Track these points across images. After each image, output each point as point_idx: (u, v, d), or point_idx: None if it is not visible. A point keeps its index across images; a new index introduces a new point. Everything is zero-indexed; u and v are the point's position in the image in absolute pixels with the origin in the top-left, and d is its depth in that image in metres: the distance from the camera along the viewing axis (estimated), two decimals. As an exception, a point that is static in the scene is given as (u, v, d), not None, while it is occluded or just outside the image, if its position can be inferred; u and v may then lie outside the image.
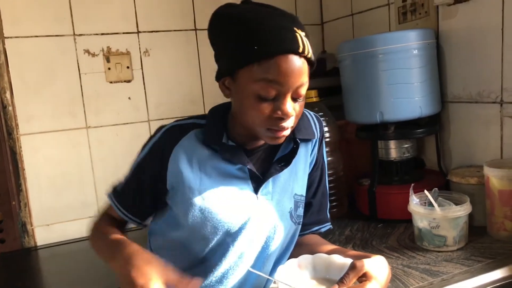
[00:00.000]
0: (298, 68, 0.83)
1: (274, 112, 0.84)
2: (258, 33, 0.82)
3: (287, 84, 0.83)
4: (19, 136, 1.64)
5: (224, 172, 0.94)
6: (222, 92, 0.92)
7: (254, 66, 0.82)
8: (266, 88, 0.83)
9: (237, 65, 0.85)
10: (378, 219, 1.39)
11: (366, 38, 1.37)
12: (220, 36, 0.89)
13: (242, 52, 0.83)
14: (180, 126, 0.95)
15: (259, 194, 0.95)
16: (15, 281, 1.43)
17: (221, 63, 0.90)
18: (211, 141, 0.93)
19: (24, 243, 1.67)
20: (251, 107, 0.85)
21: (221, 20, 0.88)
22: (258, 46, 0.81)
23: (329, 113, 1.45)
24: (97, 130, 1.74)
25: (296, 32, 0.83)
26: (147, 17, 1.78)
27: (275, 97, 0.84)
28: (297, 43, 0.82)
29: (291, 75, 0.82)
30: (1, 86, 1.60)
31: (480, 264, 1.06)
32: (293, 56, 0.82)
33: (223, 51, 0.89)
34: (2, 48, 1.60)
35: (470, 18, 1.34)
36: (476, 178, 1.25)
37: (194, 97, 1.88)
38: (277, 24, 0.83)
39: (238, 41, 0.84)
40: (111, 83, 1.75)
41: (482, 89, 1.33)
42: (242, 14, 0.85)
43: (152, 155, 0.93)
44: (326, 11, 2.07)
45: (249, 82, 0.84)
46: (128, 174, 0.97)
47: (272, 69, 0.81)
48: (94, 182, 1.75)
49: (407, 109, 1.34)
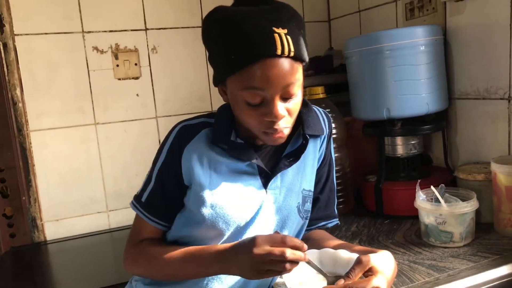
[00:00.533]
0: (279, 69, 0.81)
1: (264, 116, 0.85)
2: (234, 42, 0.81)
3: (270, 89, 0.82)
4: (29, 132, 1.66)
5: (234, 168, 0.95)
6: (221, 97, 0.94)
7: (236, 75, 0.83)
8: (250, 95, 0.83)
9: (224, 75, 0.86)
10: (385, 215, 1.39)
11: (373, 34, 1.37)
12: (208, 43, 0.90)
13: (224, 62, 0.84)
14: (191, 126, 0.96)
15: (268, 189, 0.96)
16: (25, 275, 1.46)
17: (214, 70, 0.91)
18: (220, 140, 0.93)
19: (34, 237, 1.69)
20: (243, 113, 0.87)
21: (208, 26, 0.89)
22: (235, 56, 0.81)
23: (336, 110, 1.45)
24: (106, 127, 1.76)
25: (275, 32, 0.81)
26: (155, 14, 1.79)
27: (263, 101, 0.84)
28: (274, 45, 0.80)
29: (272, 79, 0.81)
30: (12, 82, 1.62)
31: (487, 260, 1.06)
32: (271, 59, 0.81)
33: (212, 59, 0.90)
34: (13, 45, 1.62)
35: (477, 14, 1.33)
36: (483, 174, 1.25)
37: (201, 94, 1.89)
38: (252, 29, 0.81)
39: (220, 51, 0.85)
40: (119, 80, 1.77)
41: (490, 85, 1.33)
42: (223, 21, 0.84)
43: (169, 158, 0.94)
44: (333, 8, 2.07)
45: (236, 90, 0.85)
46: (150, 182, 0.97)
47: (251, 77, 0.81)
48: (102, 178, 1.76)
49: (414, 105, 1.34)
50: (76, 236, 1.72)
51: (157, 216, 0.97)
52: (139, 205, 0.97)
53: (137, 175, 1.79)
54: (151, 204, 0.96)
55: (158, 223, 0.97)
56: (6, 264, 1.56)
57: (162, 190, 0.95)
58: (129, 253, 0.98)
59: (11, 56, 1.61)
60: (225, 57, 0.83)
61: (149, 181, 0.97)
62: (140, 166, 1.79)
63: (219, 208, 0.92)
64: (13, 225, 1.67)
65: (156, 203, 0.96)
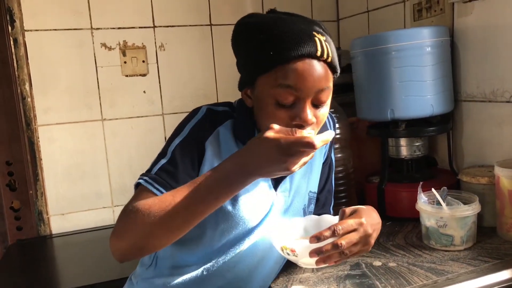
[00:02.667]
0: (316, 72, 0.81)
1: (293, 119, 0.83)
2: (274, 39, 0.81)
3: (304, 89, 0.81)
4: (37, 127, 1.68)
5: None
6: (245, 101, 0.92)
7: (271, 73, 0.82)
8: (283, 94, 0.81)
9: (256, 73, 0.84)
10: (387, 217, 1.39)
11: (378, 34, 1.36)
12: (240, 45, 0.89)
13: (259, 60, 0.83)
14: (217, 112, 0.93)
15: (278, 190, 0.96)
16: (30, 268, 1.48)
17: (242, 73, 0.90)
18: (244, 136, 0.91)
19: (40, 231, 1.72)
20: (270, 114, 0.84)
21: (241, 30, 0.88)
22: (274, 52, 0.80)
23: (340, 110, 1.45)
24: (112, 123, 1.78)
25: (315, 36, 0.81)
26: (163, 12, 1.80)
27: (294, 103, 0.83)
28: (315, 46, 0.80)
29: (308, 79, 0.81)
30: (21, 78, 1.65)
31: (487, 265, 1.05)
32: (310, 60, 0.80)
33: (243, 60, 0.89)
34: (22, 41, 1.64)
35: (485, 15, 1.32)
36: (487, 178, 1.23)
37: (208, 91, 1.90)
38: (294, 29, 0.81)
39: (255, 50, 0.83)
40: (126, 76, 1.78)
41: (496, 88, 1.31)
42: (260, 23, 0.85)
43: (192, 136, 0.89)
44: (342, 8, 2.06)
45: (267, 89, 0.83)
46: (164, 157, 0.88)
47: (288, 74, 0.80)
48: (108, 173, 1.78)
49: (418, 107, 1.33)
50: (81, 231, 1.74)
51: (166, 187, 0.84)
52: (147, 177, 0.86)
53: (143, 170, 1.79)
54: (162, 175, 0.86)
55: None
56: (12, 257, 1.59)
57: (177, 164, 0.87)
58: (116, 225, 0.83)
59: (21, 52, 1.64)
60: (259, 55, 0.83)
61: (162, 156, 0.89)
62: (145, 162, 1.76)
63: (232, 206, 0.91)
64: (20, 218, 1.70)
65: (167, 174, 0.86)
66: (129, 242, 0.80)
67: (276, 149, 0.71)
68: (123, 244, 0.81)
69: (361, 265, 1.09)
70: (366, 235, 0.82)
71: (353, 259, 1.12)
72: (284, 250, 0.85)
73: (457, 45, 1.42)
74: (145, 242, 0.80)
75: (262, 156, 0.73)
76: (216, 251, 0.94)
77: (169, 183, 0.84)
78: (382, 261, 1.11)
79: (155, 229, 0.77)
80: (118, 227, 0.82)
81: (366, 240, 0.82)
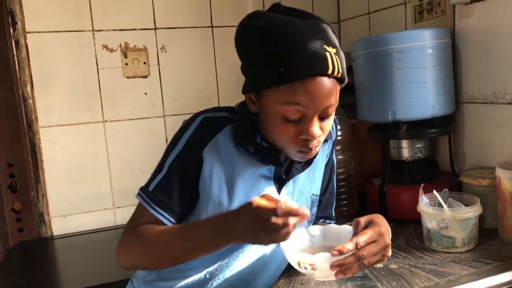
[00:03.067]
0: (326, 90, 0.80)
1: (300, 134, 0.83)
2: (284, 55, 0.78)
3: (314, 107, 0.80)
4: (38, 129, 1.68)
5: (254, 172, 0.93)
6: (248, 105, 0.91)
7: (280, 88, 0.80)
8: (291, 111, 0.81)
9: (263, 86, 0.83)
10: (388, 219, 1.37)
11: (380, 36, 1.36)
12: (247, 51, 0.86)
13: (268, 73, 0.80)
14: (214, 119, 0.92)
15: (281, 194, 0.96)
16: (31, 269, 1.48)
17: (247, 79, 0.88)
18: (246, 141, 0.91)
19: (41, 232, 1.72)
20: (277, 128, 0.84)
21: (247, 33, 0.85)
22: (285, 69, 0.78)
23: (341, 112, 1.45)
24: (114, 124, 1.78)
25: (327, 51, 0.79)
26: (165, 13, 1.81)
27: (301, 118, 0.82)
28: (327, 64, 0.78)
29: (318, 97, 0.80)
30: (22, 79, 1.65)
31: (488, 266, 1.04)
32: (321, 78, 0.79)
33: (250, 68, 0.86)
34: (24, 43, 1.65)
35: (487, 17, 1.32)
36: (489, 179, 1.23)
37: (209, 93, 1.90)
38: (307, 44, 0.78)
39: (265, 61, 0.80)
40: (128, 78, 1.79)
41: (498, 89, 1.31)
42: (268, 29, 0.81)
43: (188, 149, 0.90)
44: (343, 9, 2.07)
45: (275, 103, 0.82)
46: (161, 171, 0.91)
47: (298, 92, 0.79)
48: (109, 175, 1.78)
49: (419, 108, 1.32)
50: (82, 232, 1.75)
51: (161, 206, 0.90)
52: (144, 194, 0.91)
53: (144, 173, 1.80)
54: (158, 193, 0.90)
55: (161, 214, 0.90)
56: (13, 258, 1.59)
57: (173, 180, 0.89)
58: (122, 240, 0.91)
59: (22, 53, 1.64)
60: (268, 68, 0.80)
61: (159, 170, 0.91)
62: (146, 164, 1.80)
63: None
64: (21, 219, 1.70)
65: (163, 193, 0.90)
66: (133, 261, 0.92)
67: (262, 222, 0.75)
68: (128, 260, 0.92)
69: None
70: (385, 246, 0.82)
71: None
72: (302, 265, 0.82)
73: (458, 47, 1.42)
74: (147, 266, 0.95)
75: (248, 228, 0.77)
76: (219, 255, 0.94)
77: (164, 201, 0.90)
78: (384, 262, 1.10)
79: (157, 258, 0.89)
80: (124, 244, 0.91)
81: (385, 250, 0.82)
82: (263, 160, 0.92)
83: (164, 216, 0.90)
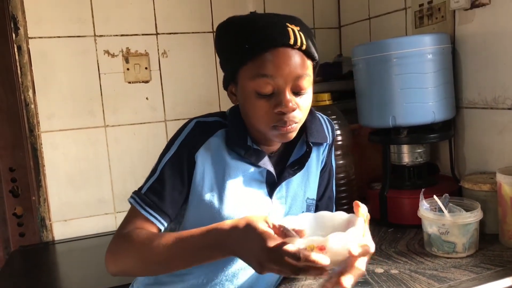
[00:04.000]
0: (291, 60, 0.84)
1: (275, 108, 0.85)
2: (248, 33, 0.84)
3: (281, 77, 0.83)
4: (40, 133, 1.69)
5: (245, 175, 0.94)
6: (230, 99, 0.94)
7: (248, 65, 0.85)
8: (262, 84, 0.84)
9: (235, 67, 0.87)
10: (389, 224, 1.39)
11: (380, 42, 1.37)
12: (220, 44, 0.92)
13: (237, 53, 0.86)
14: (206, 123, 0.94)
15: (273, 198, 0.96)
16: (32, 274, 1.48)
17: (224, 70, 0.93)
18: (237, 144, 0.92)
19: (43, 237, 1.72)
20: (253, 106, 0.87)
21: (220, 31, 0.92)
22: (249, 44, 0.84)
23: (342, 116, 1.45)
24: (115, 129, 1.79)
25: (288, 27, 0.84)
26: (166, 19, 1.82)
27: (273, 92, 0.85)
28: (288, 35, 0.83)
29: (284, 67, 0.83)
30: (25, 84, 1.66)
31: (489, 272, 1.05)
32: (284, 48, 0.83)
33: (224, 57, 0.92)
34: (26, 48, 1.65)
35: (487, 23, 1.32)
36: (489, 184, 1.23)
37: (210, 98, 1.90)
38: (267, 21, 0.85)
39: (233, 45, 0.87)
40: (129, 83, 1.79)
41: (498, 95, 1.31)
42: (237, 22, 0.88)
43: (180, 152, 0.90)
44: (344, 15, 2.07)
45: (247, 81, 0.86)
46: (154, 174, 0.92)
47: (264, 64, 0.83)
48: (110, 180, 1.79)
49: (420, 113, 1.33)
50: (83, 237, 1.75)
51: (153, 208, 0.89)
52: (137, 197, 0.91)
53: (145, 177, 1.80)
54: (150, 195, 0.90)
55: (153, 216, 0.89)
56: (14, 263, 1.59)
57: (165, 182, 0.90)
58: (112, 245, 0.89)
59: (24, 59, 1.65)
60: (237, 49, 0.85)
61: (152, 174, 0.92)
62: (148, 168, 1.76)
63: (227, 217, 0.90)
64: (22, 224, 1.70)
65: (155, 194, 0.90)
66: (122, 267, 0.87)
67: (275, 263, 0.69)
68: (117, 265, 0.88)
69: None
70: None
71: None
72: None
73: (459, 52, 1.43)
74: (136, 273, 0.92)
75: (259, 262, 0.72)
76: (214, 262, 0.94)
77: (156, 203, 0.89)
78: (384, 268, 1.11)
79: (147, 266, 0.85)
80: (113, 249, 0.88)
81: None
82: (253, 162, 0.92)
83: (156, 218, 0.90)
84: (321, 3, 2.06)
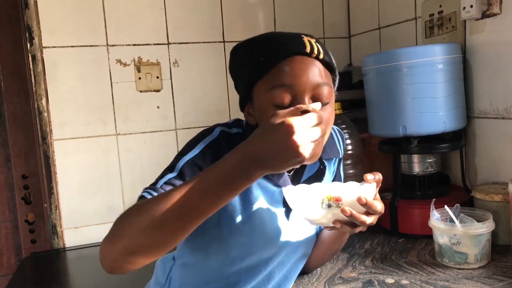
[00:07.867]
0: (308, 67, 0.80)
1: None
2: (262, 46, 0.84)
3: (299, 86, 0.80)
4: (52, 141, 1.71)
5: (266, 194, 0.90)
6: (247, 120, 0.90)
7: (264, 78, 0.82)
8: (279, 95, 0.80)
9: (251, 83, 0.85)
10: (399, 234, 1.38)
11: (391, 51, 1.37)
12: (234, 64, 0.91)
13: (251, 68, 0.84)
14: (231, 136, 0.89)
15: (290, 218, 0.94)
16: (43, 281, 1.49)
17: (240, 91, 0.91)
18: None
19: (54, 244, 1.74)
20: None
21: (234, 50, 0.92)
22: (264, 57, 0.82)
23: (352, 126, 1.45)
24: (126, 137, 1.80)
25: (304, 38, 0.83)
26: (177, 29, 1.84)
27: (292, 103, 0.80)
28: (303, 44, 0.82)
29: (301, 74, 0.80)
30: (38, 93, 1.68)
31: (502, 284, 1.03)
32: (300, 57, 0.81)
33: (238, 76, 0.91)
34: (40, 57, 1.68)
35: (498, 32, 1.32)
36: (501, 195, 1.22)
37: (220, 107, 1.91)
38: (281, 35, 0.85)
39: (247, 61, 0.86)
40: (141, 92, 1.81)
41: (510, 104, 1.31)
42: (251, 39, 0.88)
43: (205, 155, 0.85)
44: (354, 24, 2.08)
45: (264, 95, 0.82)
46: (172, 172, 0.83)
47: (280, 74, 0.80)
48: (121, 188, 1.80)
49: (430, 123, 1.33)
50: (94, 244, 1.75)
51: None
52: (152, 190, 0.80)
53: (155, 185, 1.81)
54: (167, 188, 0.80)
55: None
56: (26, 269, 1.60)
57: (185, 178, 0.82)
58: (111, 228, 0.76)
59: (38, 68, 1.68)
60: (251, 64, 0.84)
61: (169, 171, 0.84)
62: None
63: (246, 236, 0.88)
64: (34, 231, 1.72)
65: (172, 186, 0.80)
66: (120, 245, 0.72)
67: (282, 132, 0.64)
68: (114, 248, 0.73)
69: (374, 282, 1.08)
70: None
71: (366, 276, 1.12)
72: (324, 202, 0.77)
73: (469, 62, 1.43)
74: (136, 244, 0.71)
75: (268, 142, 0.65)
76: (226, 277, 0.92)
77: None
78: (395, 278, 1.10)
79: (148, 230, 0.69)
80: (110, 232, 0.75)
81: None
82: (273, 180, 0.89)
83: None
84: (331, 13, 2.07)
